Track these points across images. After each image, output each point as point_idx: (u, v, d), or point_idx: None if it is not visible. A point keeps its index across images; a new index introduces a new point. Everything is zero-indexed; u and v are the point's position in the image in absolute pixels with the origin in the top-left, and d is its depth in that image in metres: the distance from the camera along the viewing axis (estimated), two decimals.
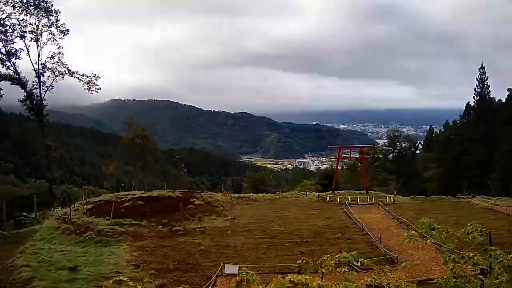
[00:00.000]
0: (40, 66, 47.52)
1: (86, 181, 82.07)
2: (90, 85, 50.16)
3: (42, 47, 47.70)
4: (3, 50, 46.33)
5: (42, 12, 46.67)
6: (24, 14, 46.40)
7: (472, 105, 66.09)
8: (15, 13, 46.01)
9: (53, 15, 47.26)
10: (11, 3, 45.47)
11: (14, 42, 46.95)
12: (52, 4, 47.03)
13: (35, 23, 46.91)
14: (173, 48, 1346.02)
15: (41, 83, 47.93)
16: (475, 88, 64.16)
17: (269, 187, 59.36)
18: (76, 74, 49.66)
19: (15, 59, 47.02)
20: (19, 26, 46.50)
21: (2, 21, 45.55)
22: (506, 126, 55.90)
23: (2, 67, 46.42)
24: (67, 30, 48.43)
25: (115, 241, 24.70)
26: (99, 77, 51.10)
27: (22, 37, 46.86)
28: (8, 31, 46.29)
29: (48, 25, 47.35)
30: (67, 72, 48.80)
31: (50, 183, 50.19)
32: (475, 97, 64.37)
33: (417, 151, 79.60)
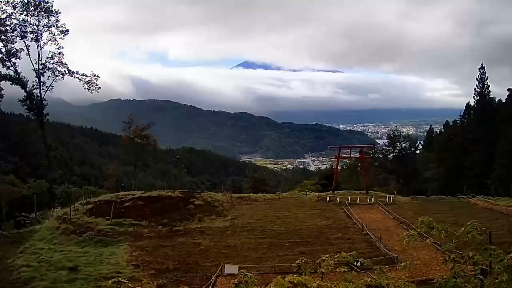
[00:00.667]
0: (40, 66, 47.52)
1: (86, 181, 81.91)
2: (90, 84, 50.13)
3: (42, 47, 47.76)
4: (3, 50, 46.37)
5: (42, 13, 46.68)
6: (25, 15, 46.46)
7: (472, 105, 66.09)
8: (15, 13, 46.08)
9: (53, 16, 47.32)
10: (11, 3, 45.52)
11: (15, 42, 46.98)
12: (52, 5, 47.11)
13: (35, 24, 46.97)
14: None
15: (41, 83, 47.93)
16: (475, 88, 64.12)
17: (269, 187, 59.35)
18: (76, 74, 49.66)
19: (15, 59, 47.06)
20: (20, 26, 46.55)
21: (2, 21, 45.53)
22: (506, 126, 55.86)
23: (3, 67, 46.44)
24: (67, 30, 48.45)
25: (115, 241, 24.72)
26: (99, 77, 51.12)
27: (23, 37, 46.87)
28: (9, 31, 46.29)
29: (49, 25, 47.38)
30: (67, 72, 48.80)
31: (50, 183, 50.13)
32: (475, 97, 64.33)
33: (417, 151, 79.53)
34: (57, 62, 48.11)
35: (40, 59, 47.48)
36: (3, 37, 46.01)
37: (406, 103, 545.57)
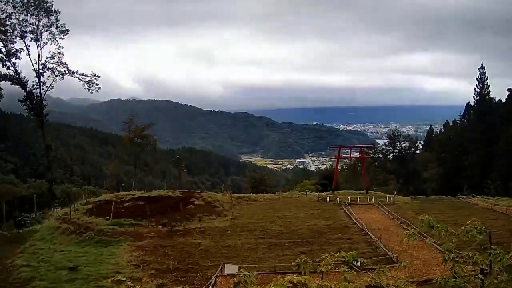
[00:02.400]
0: (40, 66, 47.49)
1: (86, 181, 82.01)
2: (90, 84, 50.15)
3: (42, 47, 47.71)
4: (3, 50, 46.38)
5: (42, 12, 46.66)
6: (25, 14, 46.40)
7: (472, 105, 66.15)
8: (15, 13, 46.05)
9: (53, 15, 47.26)
10: (11, 3, 45.49)
11: (15, 42, 47.00)
12: (52, 4, 47.07)
13: (35, 23, 46.94)
14: None
15: (41, 83, 47.95)
16: (475, 88, 64.25)
17: (269, 187, 59.35)
18: (76, 74, 49.67)
19: (15, 59, 47.08)
20: (20, 26, 46.52)
21: (2, 21, 45.53)
22: (506, 126, 55.92)
23: (2, 67, 46.47)
24: (67, 30, 48.43)
25: (115, 241, 24.69)
26: (99, 76, 51.12)
27: (22, 37, 46.87)
28: (9, 31, 46.29)
29: (48, 25, 47.34)
30: (67, 72, 48.80)
31: (50, 183, 50.11)
32: (475, 97, 64.43)
33: (417, 151, 79.60)
34: (57, 62, 48.13)
35: (40, 59, 47.54)
36: (3, 37, 46.03)
37: (407, 102, 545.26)
